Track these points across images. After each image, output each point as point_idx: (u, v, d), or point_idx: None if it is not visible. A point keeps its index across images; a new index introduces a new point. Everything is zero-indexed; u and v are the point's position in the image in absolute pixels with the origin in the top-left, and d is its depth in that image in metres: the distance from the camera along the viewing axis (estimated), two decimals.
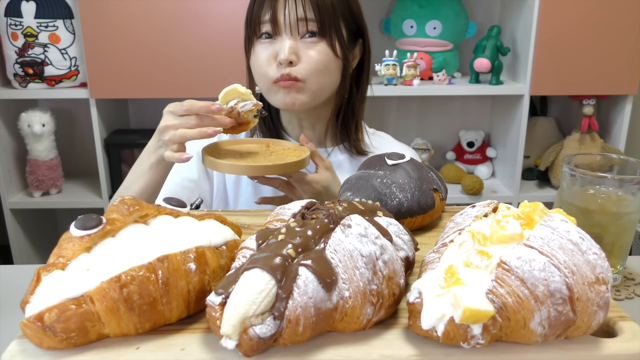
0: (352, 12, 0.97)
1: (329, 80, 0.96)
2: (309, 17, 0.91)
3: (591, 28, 1.79)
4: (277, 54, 0.92)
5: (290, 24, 0.91)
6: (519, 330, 0.44)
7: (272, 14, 0.91)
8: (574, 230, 0.47)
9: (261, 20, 0.93)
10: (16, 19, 1.78)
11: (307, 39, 0.92)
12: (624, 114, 1.93)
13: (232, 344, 0.42)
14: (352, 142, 1.05)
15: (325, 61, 0.93)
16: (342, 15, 0.94)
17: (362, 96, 1.05)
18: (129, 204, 0.53)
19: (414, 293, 0.46)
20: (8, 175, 1.93)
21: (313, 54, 0.92)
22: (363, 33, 1.01)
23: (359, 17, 0.99)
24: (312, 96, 0.95)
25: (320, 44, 0.93)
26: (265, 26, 0.93)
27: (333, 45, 0.93)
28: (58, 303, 0.44)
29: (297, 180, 0.89)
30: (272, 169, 0.82)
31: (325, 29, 0.92)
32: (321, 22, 0.91)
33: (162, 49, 1.77)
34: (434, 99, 2.20)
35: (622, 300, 0.73)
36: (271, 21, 0.92)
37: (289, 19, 0.91)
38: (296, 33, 0.92)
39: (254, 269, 0.44)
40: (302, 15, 0.90)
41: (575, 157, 0.75)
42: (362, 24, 1.00)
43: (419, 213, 0.70)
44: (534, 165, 2.15)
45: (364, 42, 1.02)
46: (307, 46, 0.92)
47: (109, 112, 1.97)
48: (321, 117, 1.04)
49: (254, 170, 0.82)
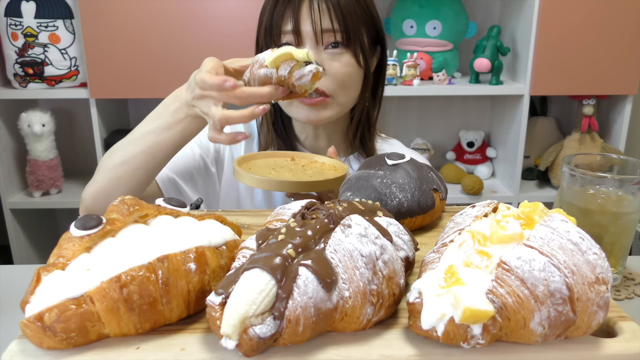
0: (373, 18, 0.94)
1: (354, 93, 0.94)
2: (335, 28, 0.87)
3: (591, 28, 1.79)
4: None
5: (315, 35, 0.87)
6: (519, 330, 0.44)
7: (295, 25, 0.87)
8: (574, 230, 0.47)
9: (282, 31, 0.89)
10: (16, 19, 1.78)
11: (330, 49, 0.89)
12: (624, 114, 1.93)
13: (232, 344, 0.42)
14: (367, 151, 1.04)
15: (350, 73, 0.90)
16: (364, 24, 0.92)
17: (378, 103, 1.03)
18: (129, 204, 0.53)
19: (414, 293, 0.46)
20: (8, 175, 1.93)
21: (338, 66, 0.89)
22: (382, 40, 0.99)
23: (378, 24, 0.97)
24: (339, 110, 0.93)
25: (345, 55, 0.89)
26: (286, 37, 0.89)
27: (357, 55, 0.90)
28: (58, 303, 0.44)
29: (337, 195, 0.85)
30: (312, 185, 0.77)
31: (350, 40, 0.89)
32: (346, 33, 0.88)
33: (162, 49, 1.77)
34: (434, 99, 2.20)
35: (622, 300, 0.73)
36: (294, 32, 0.87)
37: (312, 29, 0.87)
38: (320, 44, 0.88)
39: (254, 269, 0.44)
40: (327, 26, 0.87)
41: (575, 157, 0.75)
42: (382, 31, 0.98)
43: (419, 213, 0.70)
44: (534, 165, 2.15)
45: (382, 50, 1.00)
46: (331, 57, 0.89)
47: (109, 112, 1.97)
48: (337, 128, 1.02)
49: (294, 187, 0.76)
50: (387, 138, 1.13)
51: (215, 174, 1.04)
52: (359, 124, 1.01)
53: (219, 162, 1.05)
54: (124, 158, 0.82)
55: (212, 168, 1.03)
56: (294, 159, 0.91)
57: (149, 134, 0.81)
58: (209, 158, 1.02)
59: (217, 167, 1.05)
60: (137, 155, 0.82)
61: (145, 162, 0.82)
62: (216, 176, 1.05)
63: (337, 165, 0.87)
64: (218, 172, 1.05)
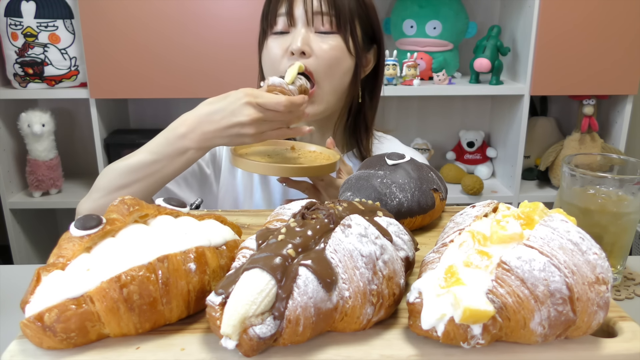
0: (368, 15, 0.96)
1: (341, 80, 0.94)
2: (324, 10, 0.90)
3: (591, 28, 1.79)
4: (290, 46, 0.91)
5: (307, 16, 0.91)
6: (519, 330, 0.44)
7: (288, 7, 0.91)
8: (574, 230, 0.47)
9: (277, 13, 0.92)
10: (16, 19, 1.78)
11: (321, 33, 0.92)
12: (624, 114, 1.93)
13: (232, 344, 0.42)
14: (362, 150, 1.04)
15: (338, 57, 0.92)
16: (358, 16, 0.94)
17: (375, 105, 1.04)
18: (129, 204, 0.53)
19: (414, 293, 0.46)
20: (8, 175, 1.93)
21: (326, 48, 0.91)
22: (379, 40, 1.00)
23: (375, 23, 0.98)
24: (325, 105, 0.93)
25: (334, 38, 0.92)
26: (280, 19, 0.92)
27: (347, 41, 0.92)
28: (58, 303, 0.44)
29: (327, 184, 0.88)
30: (307, 170, 0.82)
31: (340, 25, 0.91)
32: (337, 17, 0.91)
33: (162, 49, 1.77)
34: (434, 99, 2.20)
35: (622, 300, 0.73)
36: (287, 13, 0.91)
37: (304, 11, 0.90)
38: (311, 25, 0.91)
39: (254, 269, 0.44)
40: (318, 9, 0.90)
41: (575, 157, 0.75)
42: (379, 30, 0.99)
43: (419, 213, 0.70)
44: (534, 165, 2.15)
45: (379, 50, 1.01)
46: (321, 39, 0.91)
47: (109, 112, 1.97)
48: (330, 125, 1.02)
49: (289, 172, 0.82)
50: (384, 136, 1.12)
51: (211, 175, 1.05)
52: (351, 121, 1.02)
53: (215, 164, 1.06)
54: (123, 183, 0.82)
55: (208, 170, 1.04)
56: (294, 148, 0.95)
57: (153, 164, 0.81)
58: (204, 161, 1.03)
59: (214, 169, 1.05)
60: (139, 181, 0.82)
61: (146, 188, 0.83)
62: (213, 177, 1.05)
63: (330, 155, 0.91)
64: (215, 173, 1.06)
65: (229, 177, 1.05)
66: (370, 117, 1.03)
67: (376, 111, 1.05)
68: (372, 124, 1.04)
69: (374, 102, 1.03)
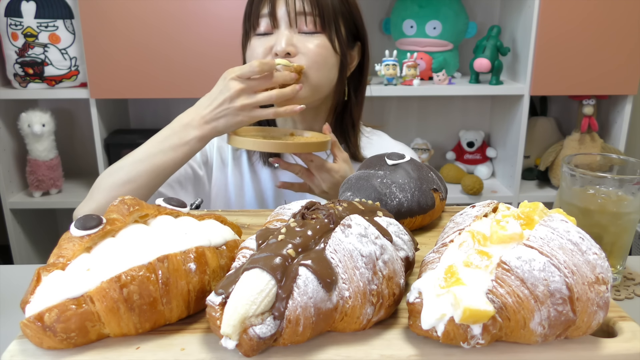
0: (351, 13, 0.96)
1: (328, 75, 0.94)
2: (307, 11, 0.90)
3: (591, 28, 1.79)
4: (274, 47, 0.90)
5: (289, 17, 0.90)
6: (519, 330, 0.44)
7: (271, 7, 0.90)
8: (573, 230, 0.47)
9: (260, 14, 0.92)
10: (16, 19, 1.78)
11: (305, 32, 0.91)
12: (624, 114, 1.93)
13: (232, 344, 0.42)
14: (350, 147, 1.04)
15: (324, 55, 0.92)
16: (341, 14, 0.94)
17: (361, 101, 1.04)
18: (129, 204, 0.53)
19: (414, 293, 0.46)
20: (8, 175, 1.93)
21: (312, 47, 0.91)
22: (363, 37, 1.00)
23: (358, 20, 0.99)
24: (311, 91, 0.92)
25: (319, 38, 0.92)
26: (263, 20, 0.92)
27: (332, 40, 0.92)
28: (58, 303, 0.44)
29: (318, 166, 0.88)
30: (295, 147, 0.85)
31: (324, 25, 0.91)
32: (320, 17, 0.91)
33: (162, 49, 1.77)
34: (434, 99, 2.20)
35: (622, 300, 0.73)
36: (270, 14, 0.90)
37: (287, 11, 0.90)
38: (294, 26, 0.91)
39: (254, 269, 0.44)
40: (300, 9, 0.90)
41: (575, 157, 0.75)
42: (362, 27, 1.00)
43: (419, 213, 0.70)
44: (534, 165, 2.15)
45: (363, 47, 1.01)
46: (305, 39, 0.91)
47: (109, 112, 1.97)
48: (317, 119, 1.03)
49: (278, 147, 0.85)
50: (373, 131, 1.12)
51: (204, 176, 1.06)
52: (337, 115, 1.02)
53: (207, 164, 1.07)
54: (127, 177, 0.84)
55: (200, 171, 1.05)
56: (292, 134, 0.98)
57: (156, 155, 0.84)
58: (196, 162, 1.04)
59: (207, 169, 1.06)
60: (142, 175, 0.84)
61: (149, 181, 0.85)
62: (205, 178, 1.06)
63: (321, 138, 0.93)
64: (208, 173, 1.06)
65: (221, 176, 1.06)
66: (357, 113, 1.04)
67: (362, 107, 1.06)
68: (358, 120, 1.05)
69: (359, 98, 1.04)
